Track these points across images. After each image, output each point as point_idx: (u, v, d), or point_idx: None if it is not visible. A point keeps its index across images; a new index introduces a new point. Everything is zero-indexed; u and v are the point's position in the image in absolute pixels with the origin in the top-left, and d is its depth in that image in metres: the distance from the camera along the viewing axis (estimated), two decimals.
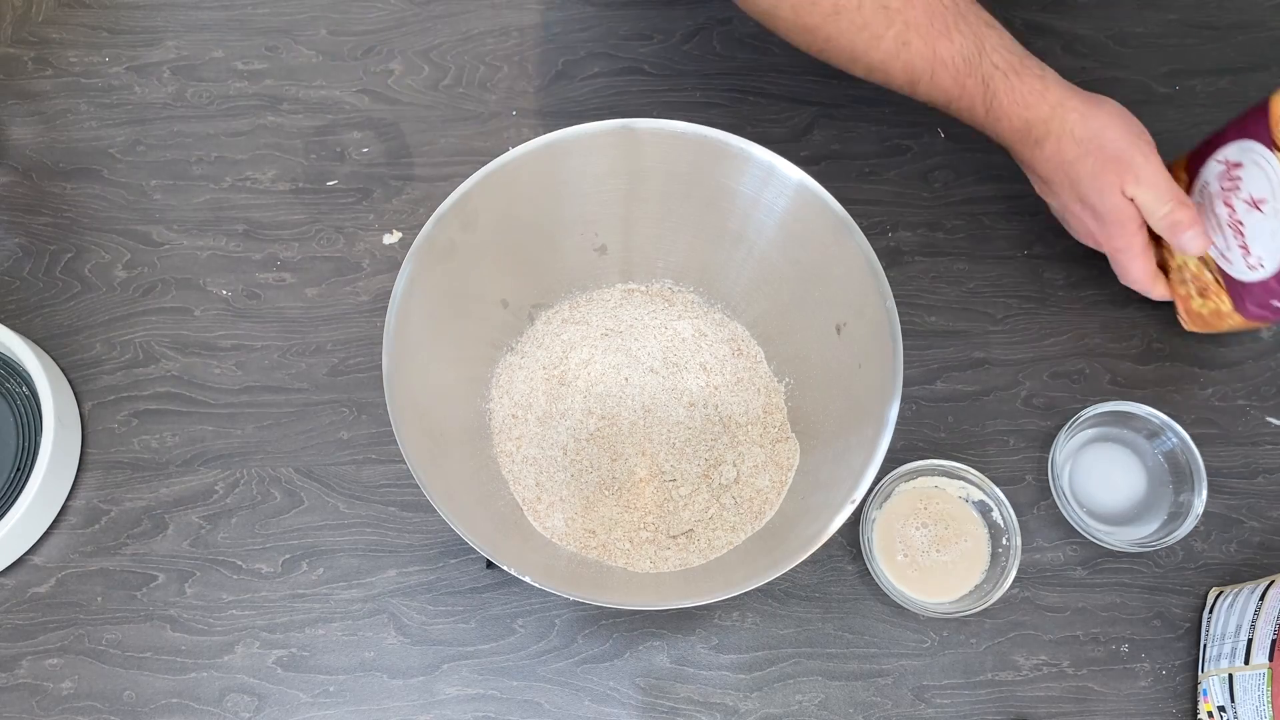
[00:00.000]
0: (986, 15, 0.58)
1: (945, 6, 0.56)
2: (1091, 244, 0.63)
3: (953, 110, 0.59)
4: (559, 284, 0.63)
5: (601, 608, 0.61)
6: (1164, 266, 0.64)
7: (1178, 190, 0.57)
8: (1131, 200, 0.57)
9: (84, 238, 0.69)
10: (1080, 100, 0.57)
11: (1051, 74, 0.58)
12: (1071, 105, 0.57)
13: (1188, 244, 0.57)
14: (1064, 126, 0.57)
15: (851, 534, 0.62)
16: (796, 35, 0.58)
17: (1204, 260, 0.61)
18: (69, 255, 0.69)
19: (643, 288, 0.64)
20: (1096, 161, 0.57)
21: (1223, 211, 0.59)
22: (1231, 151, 0.58)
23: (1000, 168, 0.72)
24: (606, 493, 0.59)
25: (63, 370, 0.66)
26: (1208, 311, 0.62)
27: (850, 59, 0.58)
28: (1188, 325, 0.64)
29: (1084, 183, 0.58)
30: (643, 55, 0.75)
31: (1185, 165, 0.63)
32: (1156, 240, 0.62)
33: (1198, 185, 0.61)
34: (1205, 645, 0.59)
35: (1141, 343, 0.67)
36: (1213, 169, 0.60)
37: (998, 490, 0.60)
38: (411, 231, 0.69)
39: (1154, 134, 0.66)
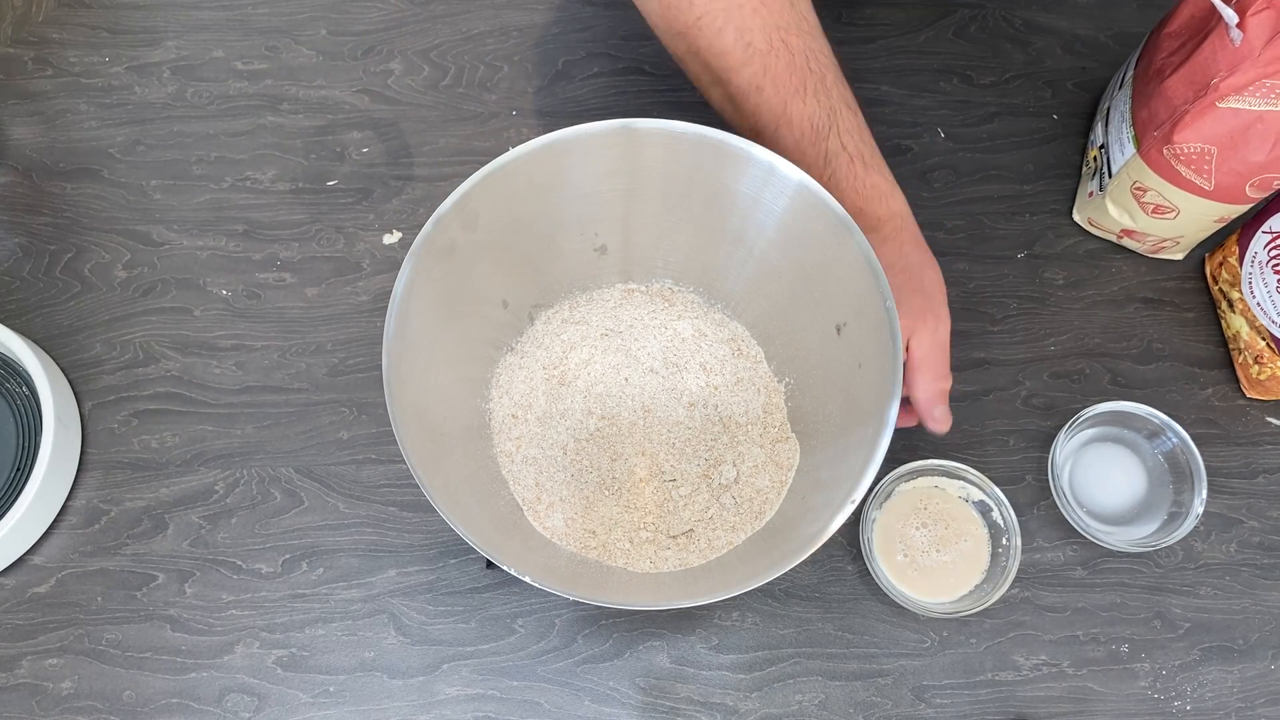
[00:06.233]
0: (851, 98, 0.56)
1: (810, 70, 0.54)
2: None
3: None
4: (559, 284, 0.63)
5: (601, 608, 0.61)
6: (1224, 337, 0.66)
7: (947, 366, 0.55)
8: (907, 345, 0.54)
9: (84, 238, 0.69)
10: (914, 226, 0.57)
11: (899, 192, 0.56)
12: (908, 227, 0.56)
13: (939, 419, 0.55)
14: (901, 236, 0.56)
15: (851, 534, 0.62)
16: (666, 38, 0.57)
17: (1256, 328, 0.62)
18: (69, 255, 0.69)
19: (643, 288, 0.64)
20: (909, 288, 0.54)
21: (1272, 278, 0.60)
22: (1276, 221, 0.60)
23: (1000, 168, 0.72)
24: (606, 493, 0.59)
25: (63, 370, 0.66)
26: (1265, 377, 0.63)
27: (709, 80, 0.56)
28: (1249, 392, 0.65)
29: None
30: (643, 55, 0.74)
31: (1238, 237, 0.64)
32: (1213, 309, 0.65)
33: (1248, 254, 0.62)
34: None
35: (1141, 343, 0.67)
36: (1261, 239, 0.61)
37: (998, 490, 0.60)
38: (411, 231, 0.69)
39: None
